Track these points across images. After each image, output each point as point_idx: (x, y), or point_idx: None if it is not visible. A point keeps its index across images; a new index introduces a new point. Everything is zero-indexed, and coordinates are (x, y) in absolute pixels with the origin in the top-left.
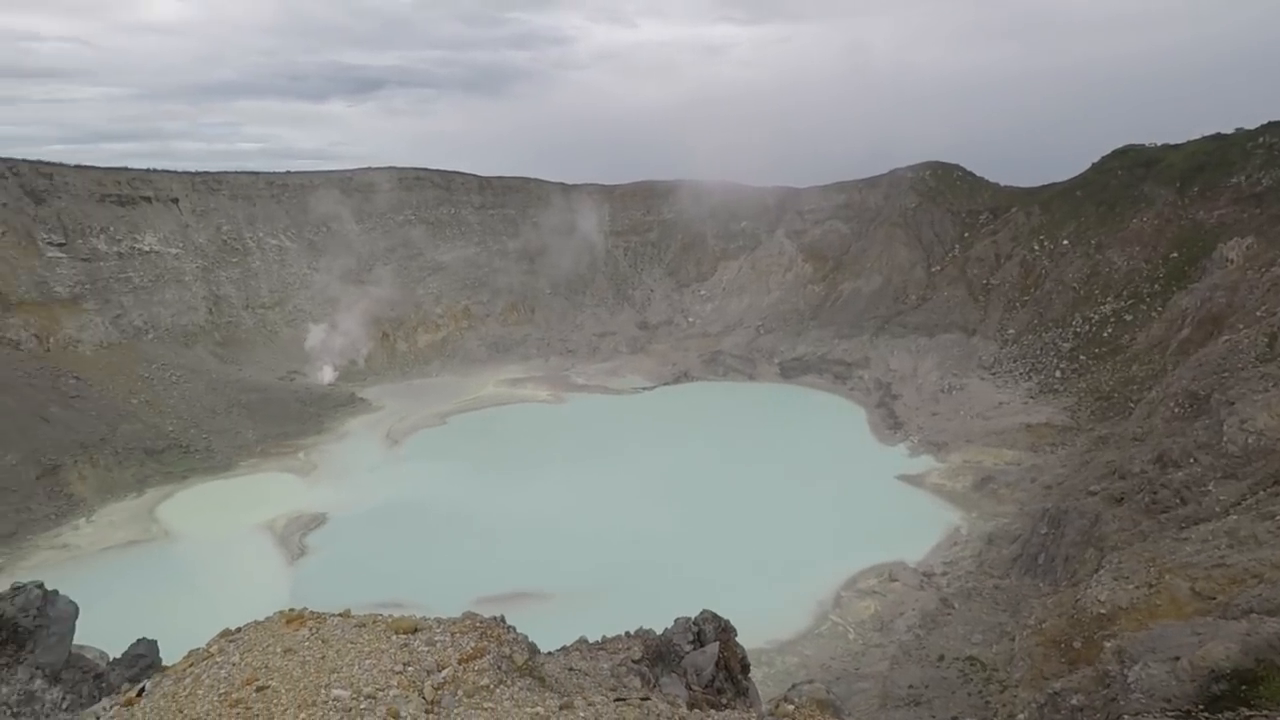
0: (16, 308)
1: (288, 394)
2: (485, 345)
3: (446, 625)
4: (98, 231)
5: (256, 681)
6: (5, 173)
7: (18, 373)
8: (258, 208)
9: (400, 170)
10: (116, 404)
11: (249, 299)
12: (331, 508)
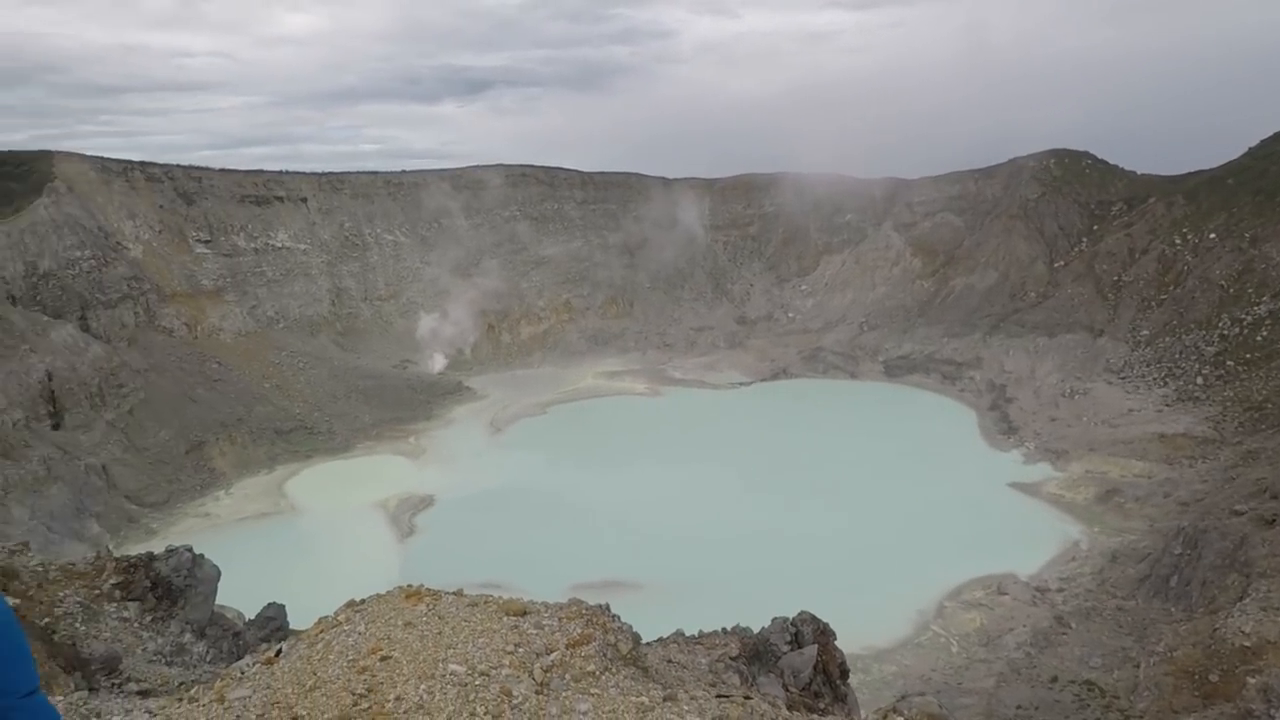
0: (170, 299)
1: (400, 381)
2: (585, 338)
3: (554, 610)
4: (237, 229)
5: (380, 651)
6: (162, 177)
7: (171, 357)
8: (376, 205)
9: (507, 167)
10: (252, 387)
11: (367, 291)
12: (438, 490)
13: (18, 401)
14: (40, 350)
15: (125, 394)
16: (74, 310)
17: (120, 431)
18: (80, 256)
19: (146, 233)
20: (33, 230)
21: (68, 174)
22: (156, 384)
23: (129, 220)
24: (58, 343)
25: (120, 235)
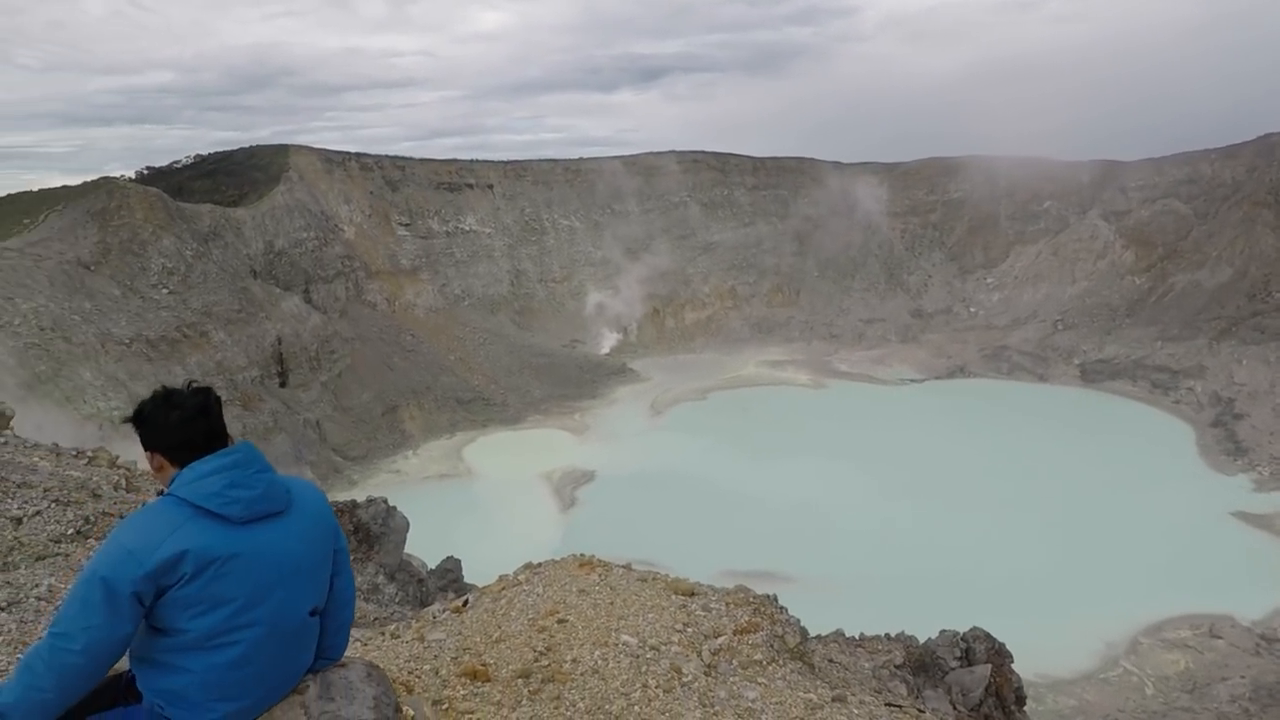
0: (375, 276)
1: (569, 360)
2: (749, 325)
3: (721, 594)
4: (432, 214)
5: (558, 614)
6: (373, 166)
7: (374, 328)
8: (554, 192)
9: (680, 154)
10: (439, 359)
11: (543, 274)
12: (600, 466)
13: (255, 361)
14: (273, 318)
15: (336, 359)
16: (300, 284)
17: (331, 392)
18: (306, 237)
19: (358, 216)
20: (271, 214)
21: (299, 165)
22: (361, 352)
23: (345, 205)
24: (287, 312)
25: (338, 219)
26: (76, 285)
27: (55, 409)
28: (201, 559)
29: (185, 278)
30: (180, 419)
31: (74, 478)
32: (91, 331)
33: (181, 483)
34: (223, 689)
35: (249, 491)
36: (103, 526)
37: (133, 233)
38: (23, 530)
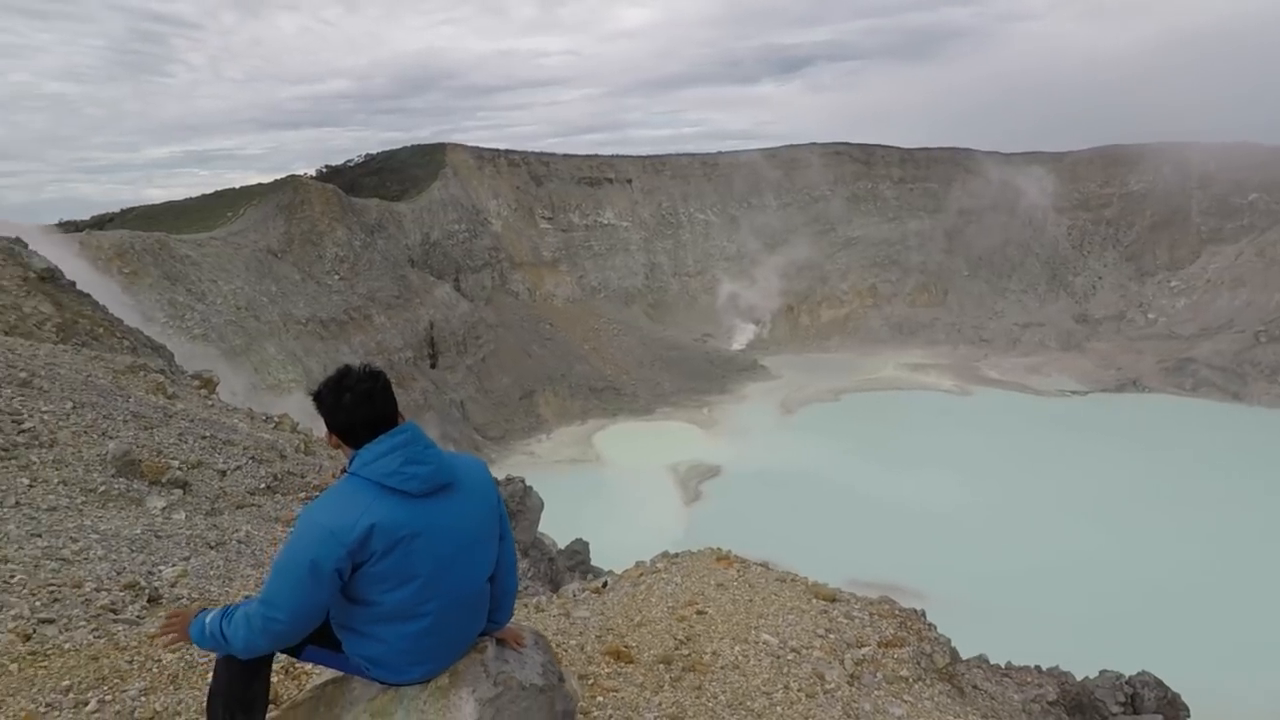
0: (518, 267)
1: (700, 354)
2: (889, 325)
3: (864, 603)
4: (573, 208)
5: (696, 605)
6: (520, 163)
7: (515, 316)
8: (691, 186)
9: (821, 146)
10: (574, 348)
11: (677, 267)
12: (726, 461)
13: (410, 343)
14: (427, 304)
15: (481, 344)
16: (451, 273)
17: (475, 375)
18: (458, 230)
19: (505, 210)
20: (428, 208)
21: (454, 162)
22: (503, 338)
23: (493, 200)
24: (439, 299)
25: (487, 212)
26: (266, 270)
27: (247, 378)
28: (390, 536)
29: (354, 265)
30: (351, 402)
31: (265, 439)
32: (276, 311)
33: (362, 463)
34: (415, 654)
35: (423, 468)
36: (288, 484)
37: (312, 225)
38: (227, 481)
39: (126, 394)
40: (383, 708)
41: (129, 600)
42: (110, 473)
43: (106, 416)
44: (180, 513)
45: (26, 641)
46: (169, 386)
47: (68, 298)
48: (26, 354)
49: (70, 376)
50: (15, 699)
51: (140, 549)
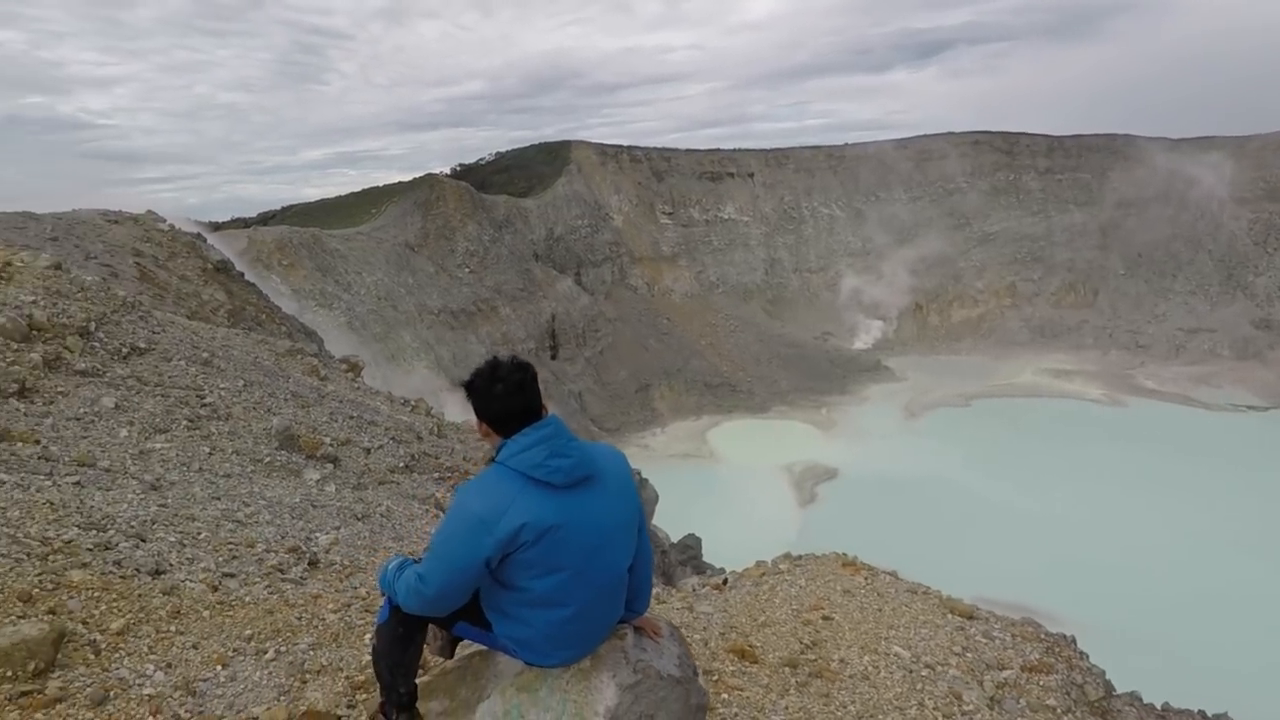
0: (638, 262)
1: (819, 353)
2: (1029, 328)
3: (1005, 623)
4: (693, 203)
5: (822, 610)
6: (641, 158)
7: (633, 310)
8: (815, 179)
9: (957, 135)
10: (690, 343)
11: (798, 263)
12: (843, 464)
13: (532, 334)
14: (549, 297)
15: (599, 338)
16: (572, 267)
17: (593, 367)
18: (581, 225)
19: (626, 205)
20: (553, 203)
21: (579, 158)
22: (621, 332)
23: (615, 195)
24: (560, 292)
25: (608, 208)
26: (403, 263)
27: (384, 364)
28: (538, 526)
29: (482, 259)
30: (503, 392)
31: (403, 421)
32: (412, 302)
33: (509, 454)
34: (559, 639)
35: (566, 460)
36: (424, 464)
37: (445, 220)
38: (371, 459)
39: (287, 375)
40: (528, 684)
41: (293, 562)
42: (274, 445)
43: (271, 394)
44: (331, 485)
45: (214, 592)
46: (321, 369)
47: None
48: (207, 336)
49: (241, 357)
50: (209, 642)
51: (299, 516)
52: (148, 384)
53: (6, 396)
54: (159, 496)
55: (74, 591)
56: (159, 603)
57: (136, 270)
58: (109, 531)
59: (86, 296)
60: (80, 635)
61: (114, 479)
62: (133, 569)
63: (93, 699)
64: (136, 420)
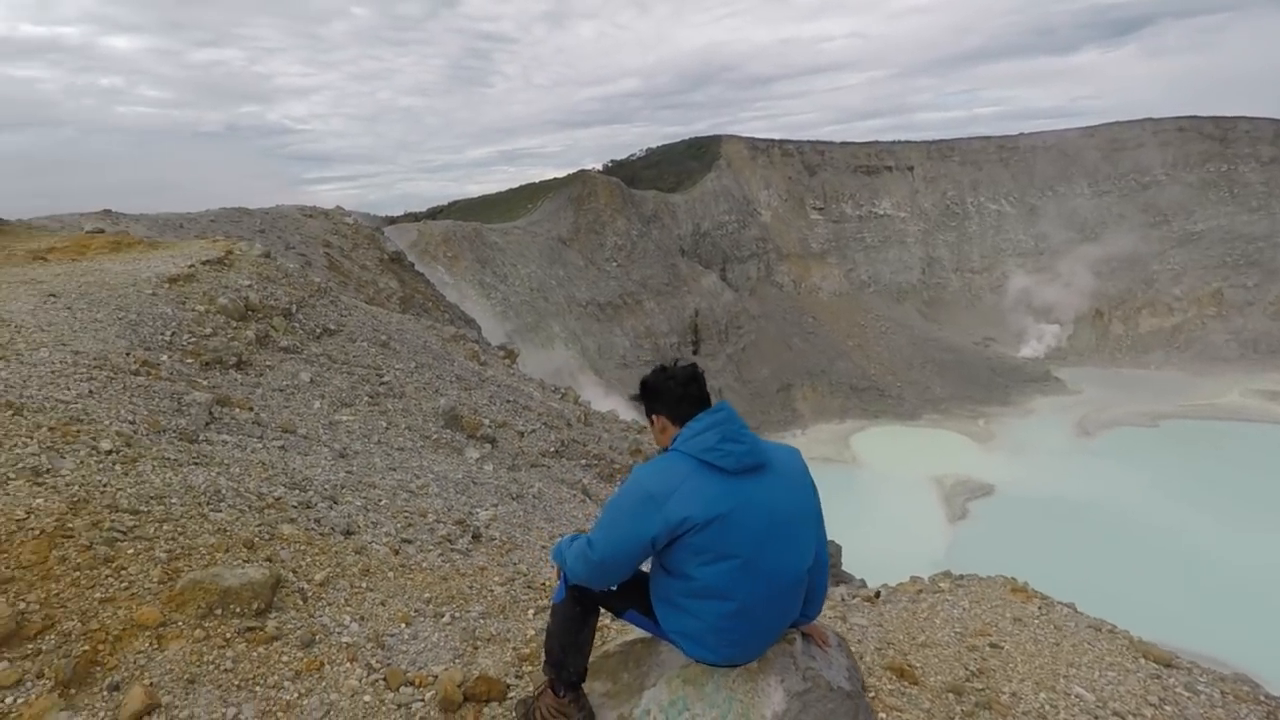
0: (785, 258)
1: (979, 360)
2: (1237, 341)
3: (1213, 678)
4: (847, 198)
5: (989, 637)
6: (793, 152)
7: (777, 308)
8: (983, 172)
9: (1157, 122)
10: (837, 344)
11: (959, 262)
12: (1001, 481)
13: (675, 329)
14: (694, 292)
15: (742, 335)
16: (718, 263)
17: (735, 364)
18: (728, 220)
19: (775, 201)
20: (700, 199)
21: (728, 153)
22: (764, 330)
23: (764, 190)
24: (705, 287)
25: (757, 203)
26: (555, 257)
27: (534, 352)
28: (707, 508)
29: (630, 253)
30: (678, 383)
31: (553, 408)
32: (562, 294)
33: (682, 439)
34: (727, 634)
35: (739, 445)
36: (573, 450)
37: (596, 215)
38: (525, 441)
39: (452, 359)
40: (694, 678)
41: (459, 534)
42: (440, 424)
43: (438, 376)
44: (489, 464)
45: (396, 555)
46: (481, 355)
47: (408, 276)
48: (385, 321)
49: (413, 341)
50: (394, 601)
51: (462, 491)
52: (336, 362)
53: (227, 368)
54: (346, 464)
55: (284, 543)
56: (351, 560)
57: (326, 259)
58: (308, 492)
59: (290, 282)
60: (290, 582)
61: (310, 445)
62: (329, 527)
63: (302, 641)
64: (327, 394)
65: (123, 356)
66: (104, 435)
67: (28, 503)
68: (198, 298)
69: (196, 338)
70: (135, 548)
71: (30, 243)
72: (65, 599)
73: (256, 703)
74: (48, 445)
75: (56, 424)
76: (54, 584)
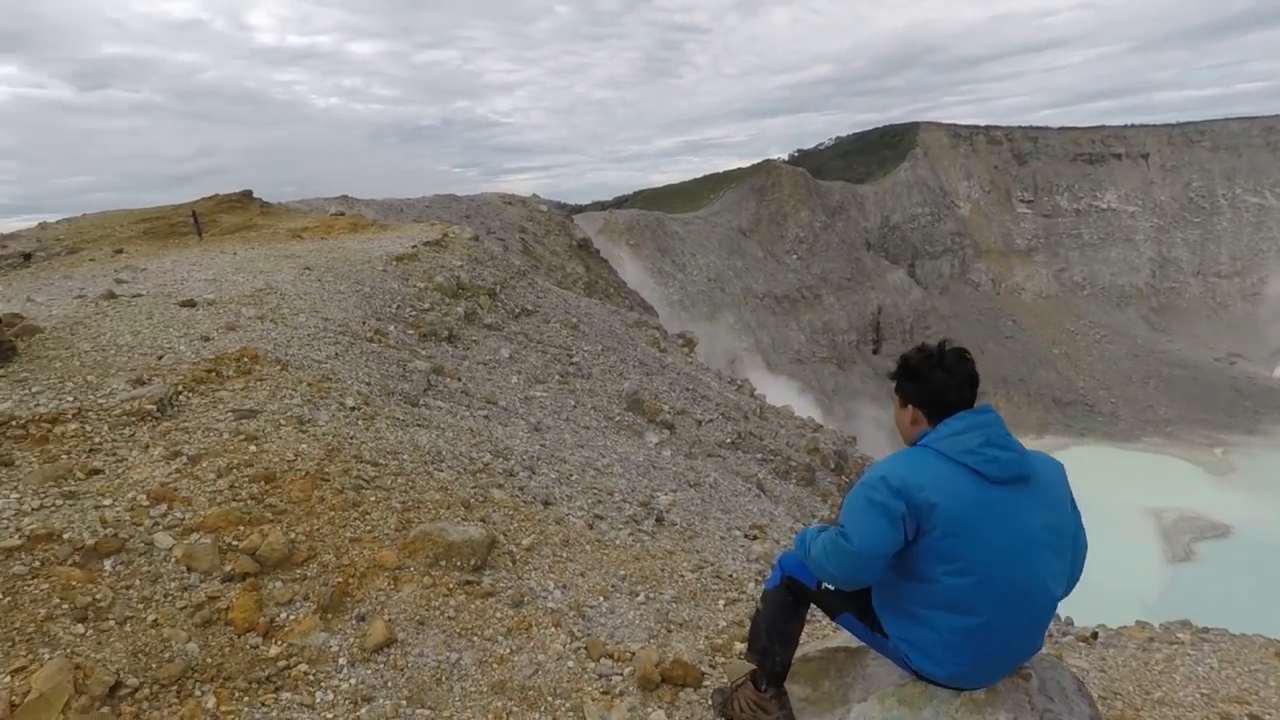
0: (984, 255)
1: (1221, 379)
2: None
3: None
4: (1062, 189)
5: (1248, 705)
6: (1001, 139)
7: (972, 309)
8: (1242, 159)
9: None
10: (1039, 351)
11: (1202, 264)
12: (1240, 521)
13: (855, 326)
14: (877, 289)
15: (929, 335)
16: (906, 258)
17: None
18: (920, 213)
19: (976, 192)
20: (891, 190)
21: (926, 141)
22: (955, 331)
23: (964, 181)
24: (890, 284)
25: (955, 195)
26: (734, 248)
27: (707, 342)
28: (957, 512)
29: (811, 246)
30: (945, 382)
31: (730, 399)
32: (739, 285)
33: (938, 437)
34: (961, 651)
35: (1005, 453)
36: (749, 443)
37: (779, 206)
38: (702, 430)
39: (635, 343)
40: (911, 698)
41: (643, 515)
42: (623, 406)
43: (622, 360)
44: (667, 450)
45: (591, 529)
46: (662, 341)
47: (593, 262)
48: (575, 304)
49: (600, 324)
50: (592, 574)
51: (643, 474)
52: (532, 341)
53: (440, 340)
54: (540, 437)
55: (495, 507)
56: (553, 530)
57: (521, 244)
58: (510, 460)
59: (495, 264)
60: (501, 544)
61: (509, 417)
62: (531, 496)
63: (512, 600)
64: (523, 370)
65: (360, 324)
66: (348, 393)
67: (295, 447)
68: (418, 275)
69: (416, 311)
70: (376, 496)
71: (289, 222)
72: (324, 534)
73: (475, 651)
74: (308, 399)
75: (313, 380)
76: (315, 520)
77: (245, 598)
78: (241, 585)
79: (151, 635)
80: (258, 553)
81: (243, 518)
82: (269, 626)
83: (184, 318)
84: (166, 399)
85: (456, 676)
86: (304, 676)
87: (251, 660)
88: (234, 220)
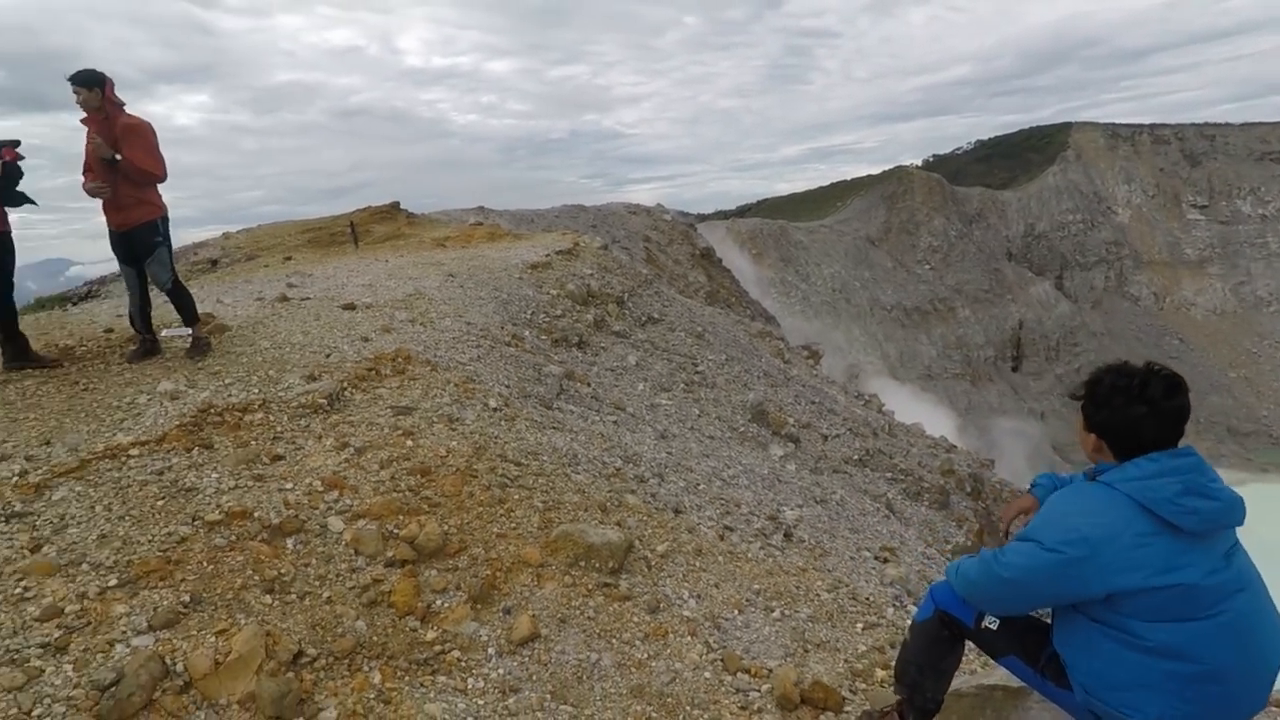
0: (1145, 266)
1: None
2: None
3: None
4: (1245, 193)
5: None
6: (1170, 138)
7: (1129, 325)
8: None
9: None
10: (1212, 374)
11: None
12: None
13: (993, 341)
14: (1019, 301)
15: (1077, 353)
16: (1053, 269)
17: (1064, 387)
18: (1071, 220)
19: (1138, 197)
20: (1038, 195)
21: (1079, 142)
22: (1109, 349)
23: (1124, 185)
24: (1034, 296)
25: (1112, 200)
26: (861, 257)
27: (831, 354)
28: (1160, 578)
29: (946, 256)
30: (1143, 417)
31: (858, 414)
32: (865, 296)
33: (1125, 476)
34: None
35: (1208, 504)
36: (877, 461)
37: (910, 214)
38: (828, 445)
39: (759, 354)
40: None
41: (772, 529)
42: (747, 417)
43: (746, 370)
44: (792, 464)
45: (722, 540)
46: (786, 353)
47: (715, 271)
48: (699, 313)
49: (724, 334)
50: (726, 585)
51: (768, 487)
52: (658, 349)
53: (571, 346)
54: (666, 445)
55: (629, 512)
56: (686, 539)
57: (645, 252)
58: (640, 467)
59: (623, 272)
60: (637, 550)
61: (636, 424)
62: (662, 503)
63: (648, 605)
64: (649, 378)
65: (499, 329)
66: (491, 395)
67: (446, 444)
68: (551, 283)
69: (549, 317)
70: (519, 494)
71: (433, 232)
72: (473, 528)
73: (613, 654)
74: (455, 398)
75: (459, 381)
76: (465, 514)
77: (405, 583)
78: (401, 571)
79: (326, 611)
80: (416, 541)
81: (402, 508)
82: (426, 612)
83: (346, 319)
84: (335, 394)
85: (597, 676)
86: (457, 662)
87: (411, 642)
88: (384, 230)
